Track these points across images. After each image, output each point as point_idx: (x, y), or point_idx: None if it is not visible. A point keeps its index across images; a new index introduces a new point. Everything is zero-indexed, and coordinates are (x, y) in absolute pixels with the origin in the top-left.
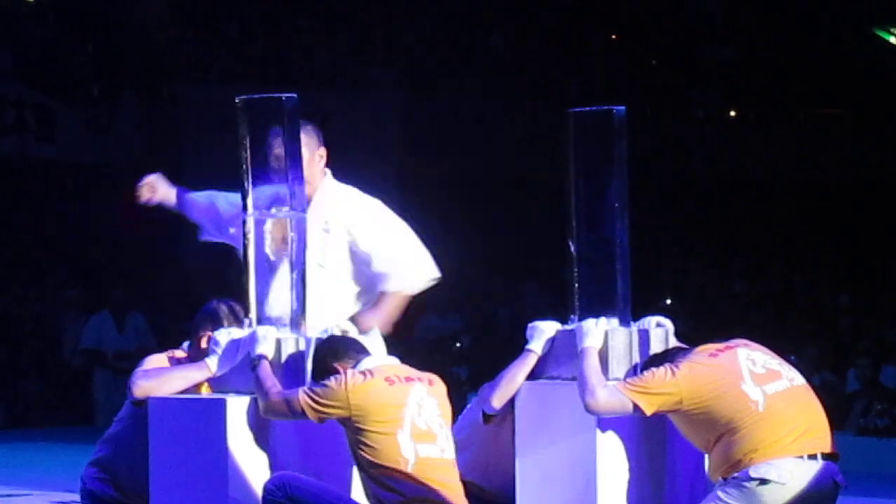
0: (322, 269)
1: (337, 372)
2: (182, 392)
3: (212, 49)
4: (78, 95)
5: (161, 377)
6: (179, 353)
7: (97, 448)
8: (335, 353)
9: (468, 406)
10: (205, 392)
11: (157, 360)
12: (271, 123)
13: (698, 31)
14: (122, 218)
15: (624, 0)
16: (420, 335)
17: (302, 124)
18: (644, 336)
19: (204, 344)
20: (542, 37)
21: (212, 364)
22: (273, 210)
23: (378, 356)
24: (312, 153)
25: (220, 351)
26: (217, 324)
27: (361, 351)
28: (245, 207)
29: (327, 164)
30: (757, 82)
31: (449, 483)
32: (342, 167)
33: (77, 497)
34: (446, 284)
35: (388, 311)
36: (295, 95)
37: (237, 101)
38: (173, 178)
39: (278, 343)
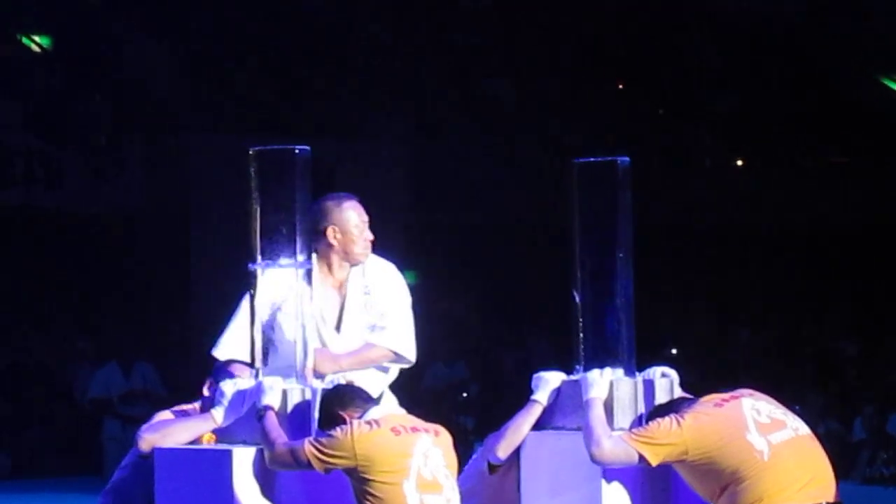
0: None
1: (343, 421)
2: (188, 443)
3: (219, 98)
4: (85, 145)
5: (167, 429)
6: (187, 407)
7: (100, 499)
8: (341, 402)
9: (473, 456)
10: (206, 442)
11: (164, 415)
12: (283, 174)
13: (701, 79)
14: None
15: (630, 49)
16: (427, 384)
17: (350, 196)
18: (649, 386)
19: (206, 391)
20: (548, 86)
21: (217, 415)
22: (281, 261)
23: (384, 406)
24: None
25: (225, 402)
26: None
27: (368, 400)
28: (252, 257)
29: None
30: (763, 131)
31: None
32: None
33: None
34: (453, 333)
35: (366, 357)
36: (308, 148)
37: (250, 151)
38: (180, 226)
39: (284, 393)
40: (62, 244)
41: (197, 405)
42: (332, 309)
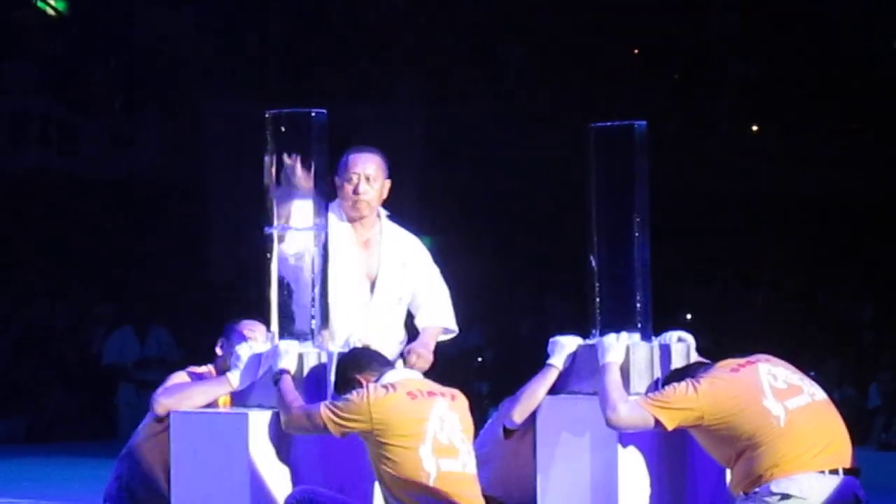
0: (399, 304)
1: (360, 385)
2: (203, 406)
3: (234, 63)
4: (100, 109)
5: (182, 393)
6: (202, 369)
7: (117, 463)
8: (358, 366)
9: (489, 421)
10: (223, 404)
11: (179, 377)
12: (299, 138)
13: (720, 45)
14: None
15: (646, 14)
16: (442, 349)
17: (375, 150)
18: (665, 351)
19: (218, 351)
20: (565, 50)
21: (233, 378)
22: (297, 224)
23: (401, 370)
24: (383, 182)
25: (241, 365)
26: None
27: (385, 364)
28: (268, 221)
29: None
30: (779, 97)
31: (470, 497)
32: None
33: None
34: (468, 298)
35: (430, 339)
36: (324, 111)
37: (266, 115)
38: (197, 191)
39: (300, 357)
40: (77, 209)
41: (211, 368)
42: (364, 270)
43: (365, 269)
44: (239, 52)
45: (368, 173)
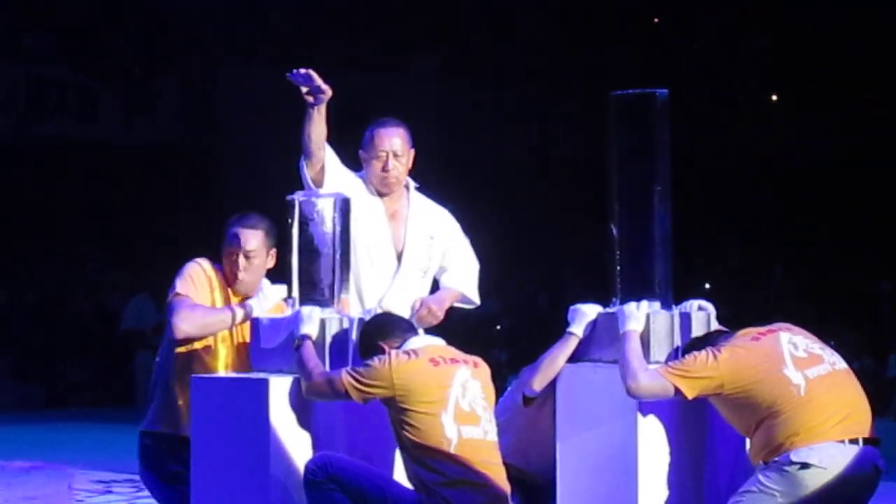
0: (424, 277)
1: (382, 351)
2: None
3: (253, 33)
4: (119, 77)
5: (203, 320)
6: (206, 264)
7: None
8: (381, 332)
9: (508, 388)
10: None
11: (193, 273)
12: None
13: (739, 16)
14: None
15: None
16: (461, 316)
17: (399, 123)
18: (686, 319)
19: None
20: (583, 20)
21: (255, 305)
22: (318, 191)
23: (424, 336)
24: (409, 154)
25: (261, 297)
26: None
27: (408, 330)
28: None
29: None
30: (797, 67)
31: (491, 464)
32: None
33: (116, 476)
34: (486, 266)
35: (446, 298)
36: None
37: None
38: (212, 159)
39: (323, 323)
40: (95, 176)
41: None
42: (390, 240)
43: (392, 240)
44: (256, 20)
45: (395, 149)
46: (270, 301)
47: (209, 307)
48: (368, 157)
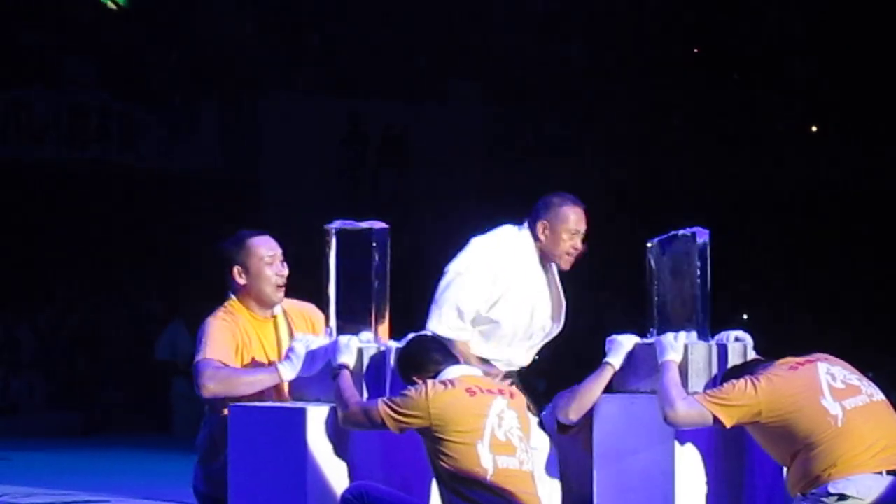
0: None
1: (418, 381)
2: (261, 398)
3: (294, 59)
4: (160, 103)
5: (229, 381)
6: (225, 317)
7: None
8: (414, 365)
9: (542, 414)
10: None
11: (216, 336)
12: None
13: (780, 45)
14: None
15: (706, 13)
16: None
17: (572, 202)
18: (723, 350)
19: (239, 279)
20: (623, 49)
21: (284, 371)
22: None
23: (461, 366)
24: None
25: (294, 360)
26: None
27: (446, 358)
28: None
29: None
30: (837, 97)
31: (527, 495)
32: (426, 176)
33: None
34: None
35: None
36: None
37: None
38: (252, 186)
39: (360, 352)
40: (136, 202)
41: (233, 302)
42: (551, 303)
43: (550, 301)
44: (300, 49)
45: (583, 230)
46: (301, 359)
47: (236, 370)
48: (556, 228)
